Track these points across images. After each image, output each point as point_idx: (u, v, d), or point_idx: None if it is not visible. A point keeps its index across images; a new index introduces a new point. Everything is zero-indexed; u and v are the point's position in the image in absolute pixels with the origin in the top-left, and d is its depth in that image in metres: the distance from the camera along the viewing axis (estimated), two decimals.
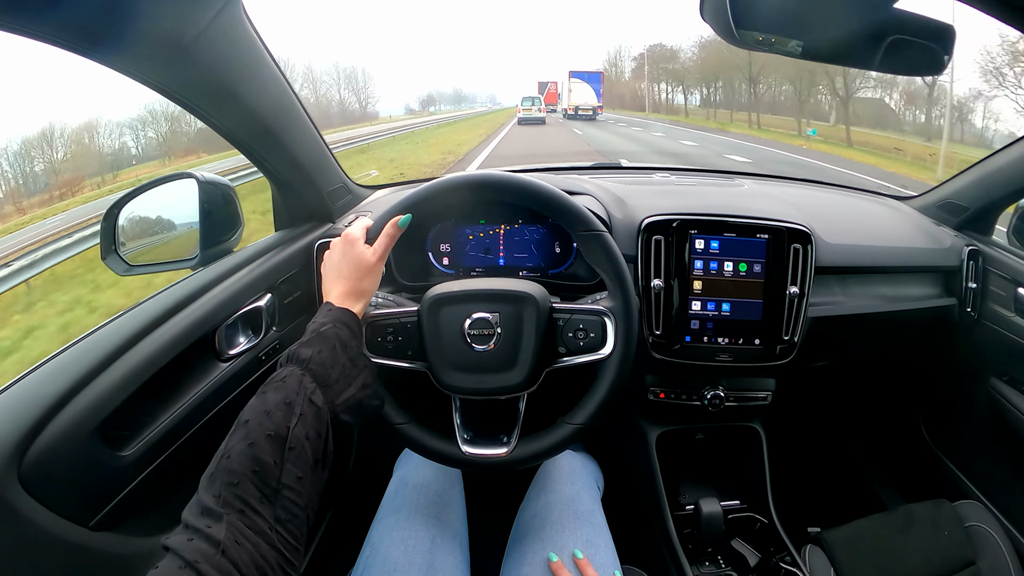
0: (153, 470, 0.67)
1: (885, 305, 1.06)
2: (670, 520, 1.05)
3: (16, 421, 0.53)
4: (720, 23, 0.46)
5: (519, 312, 0.71)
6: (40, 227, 7.90)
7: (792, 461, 1.27)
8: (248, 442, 0.47)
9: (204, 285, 0.79)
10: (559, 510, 0.82)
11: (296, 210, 1.05)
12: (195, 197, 0.89)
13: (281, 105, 0.85)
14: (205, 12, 0.62)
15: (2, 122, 54.77)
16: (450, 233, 1.03)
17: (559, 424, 0.73)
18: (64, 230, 5.68)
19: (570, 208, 0.72)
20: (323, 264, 0.72)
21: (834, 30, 0.46)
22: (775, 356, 0.97)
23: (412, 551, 0.74)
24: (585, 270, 1.00)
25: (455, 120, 27.60)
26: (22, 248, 5.33)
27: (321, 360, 0.57)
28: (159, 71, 0.65)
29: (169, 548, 0.40)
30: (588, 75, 28.64)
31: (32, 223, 9.50)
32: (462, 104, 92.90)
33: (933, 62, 0.47)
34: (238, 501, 0.44)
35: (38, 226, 8.27)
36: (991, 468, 1.18)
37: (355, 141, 13.87)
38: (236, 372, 0.81)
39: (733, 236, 0.95)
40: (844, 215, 1.18)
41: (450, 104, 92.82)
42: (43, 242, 5.17)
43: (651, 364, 0.99)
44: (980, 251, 1.10)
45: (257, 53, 0.75)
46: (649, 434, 1.12)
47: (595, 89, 28.25)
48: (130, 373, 0.63)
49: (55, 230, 6.21)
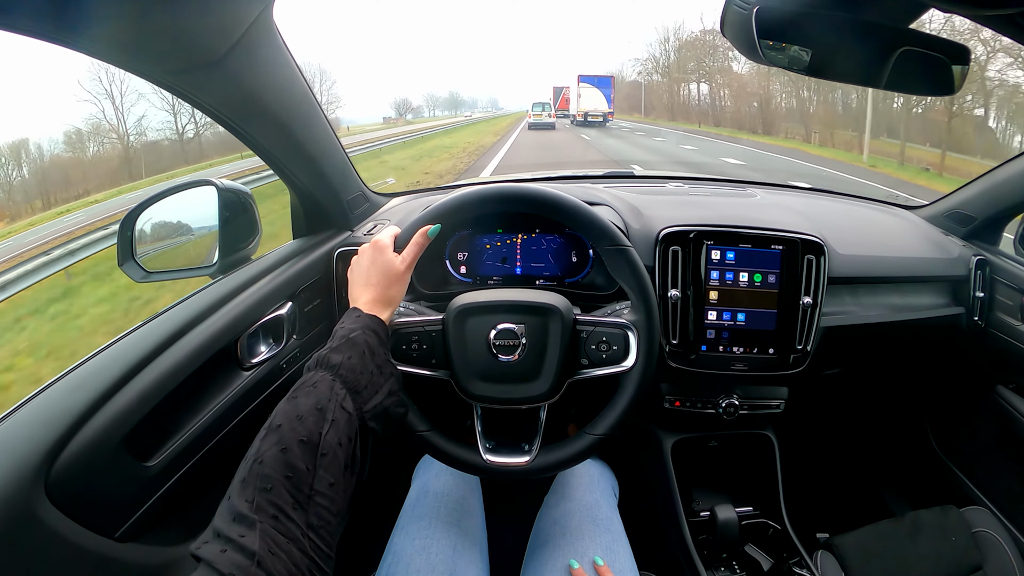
0: (178, 480, 0.67)
1: (894, 314, 1.08)
2: (686, 526, 1.06)
3: (43, 434, 0.53)
4: (743, 39, 0.46)
5: (544, 324, 0.71)
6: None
7: (803, 468, 1.28)
8: (281, 447, 0.47)
9: (226, 294, 0.80)
10: (579, 517, 0.83)
11: (315, 218, 1.06)
12: (212, 204, 0.89)
13: (307, 115, 0.85)
14: (238, 25, 0.62)
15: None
16: (468, 242, 1.03)
17: (580, 434, 0.74)
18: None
19: (595, 222, 0.73)
20: (350, 270, 0.72)
21: (848, 45, 0.47)
22: (788, 365, 0.98)
23: (435, 558, 0.75)
24: (602, 279, 1.01)
25: (435, 133, 21.66)
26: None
27: (351, 366, 0.57)
28: (193, 84, 0.66)
29: (202, 559, 0.40)
30: (598, 79, 26.23)
31: None
32: (459, 110, 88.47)
33: (945, 81, 0.48)
34: (271, 507, 0.43)
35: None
36: (998, 475, 1.19)
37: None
38: (258, 381, 0.81)
39: (749, 247, 0.96)
40: (855, 225, 1.19)
41: (447, 110, 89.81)
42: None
43: (667, 373, 1.00)
44: (987, 261, 1.12)
45: (286, 64, 0.75)
46: (664, 442, 1.13)
47: (605, 94, 26.11)
48: (155, 384, 0.63)
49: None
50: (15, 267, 4.49)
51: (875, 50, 0.46)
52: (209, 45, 0.61)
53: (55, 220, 9.57)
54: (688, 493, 1.15)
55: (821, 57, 0.46)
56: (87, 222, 7.37)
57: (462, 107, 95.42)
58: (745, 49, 0.47)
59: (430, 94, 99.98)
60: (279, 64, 0.74)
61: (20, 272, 4.43)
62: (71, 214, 10.07)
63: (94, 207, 10.80)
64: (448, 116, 68.30)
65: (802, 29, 0.45)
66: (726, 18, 0.48)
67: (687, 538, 1.04)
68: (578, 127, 24.54)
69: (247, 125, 0.77)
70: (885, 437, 1.53)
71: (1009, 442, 1.13)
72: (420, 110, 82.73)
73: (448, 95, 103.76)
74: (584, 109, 25.48)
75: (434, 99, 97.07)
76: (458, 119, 49.36)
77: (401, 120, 57.03)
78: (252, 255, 0.94)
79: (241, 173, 7.21)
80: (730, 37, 0.48)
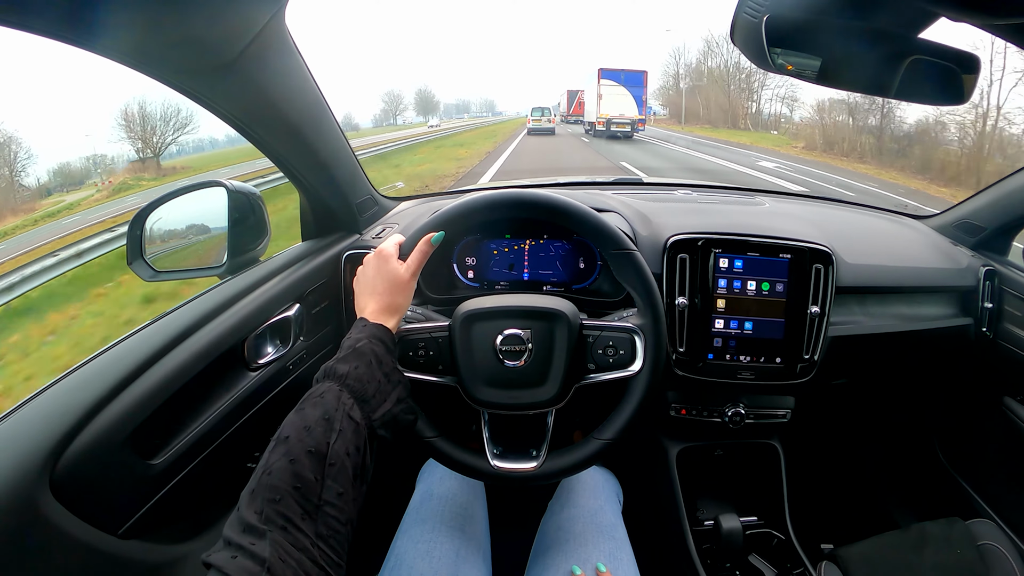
0: (182, 478, 0.67)
1: (902, 324, 1.07)
2: (689, 535, 1.05)
3: (49, 429, 0.53)
4: (753, 46, 0.46)
5: (551, 329, 0.71)
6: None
7: (808, 478, 1.27)
8: (289, 458, 0.47)
9: (234, 295, 0.80)
10: (582, 523, 0.83)
11: (324, 221, 1.06)
12: (222, 205, 0.90)
13: (318, 118, 0.86)
14: (250, 29, 0.63)
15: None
16: (476, 247, 1.03)
17: (588, 439, 0.74)
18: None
19: (602, 227, 0.73)
20: (356, 280, 0.72)
21: (858, 54, 0.47)
22: (795, 374, 0.98)
23: (437, 563, 0.75)
24: (609, 286, 1.01)
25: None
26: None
27: (358, 376, 0.57)
28: (205, 86, 0.66)
29: (212, 565, 0.40)
30: (626, 75, 19.04)
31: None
32: (429, 115, 66.64)
33: (955, 90, 0.48)
34: (280, 518, 0.44)
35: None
36: (1004, 487, 1.18)
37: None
38: (264, 381, 0.82)
39: (757, 256, 0.96)
40: (863, 235, 1.19)
41: (423, 115, 70.16)
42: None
43: (674, 381, 1.00)
44: (996, 271, 1.11)
45: (297, 66, 0.76)
46: (670, 450, 1.13)
47: (635, 96, 18.86)
48: (162, 382, 0.63)
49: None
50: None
51: (885, 59, 0.46)
52: (221, 48, 0.62)
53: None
54: (692, 502, 1.14)
55: (831, 65, 0.46)
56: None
57: (431, 113, 72.76)
58: (755, 56, 0.47)
59: (390, 92, 78.00)
60: (291, 67, 0.75)
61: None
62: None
63: None
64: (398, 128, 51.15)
65: (812, 37, 0.45)
66: (736, 25, 0.47)
67: (691, 547, 1.04)
68: (595, 139, 18.38)
69: (258, 127, 0.78)
70: (891, 448, 1.52)
71: (1016, 454, 1.12)
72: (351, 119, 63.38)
73: (417, 94, 78.66)
74: (607, 114, 18.46)
75: (395, 99, 73.90)
76: (416, 130, 35.35)
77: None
78: (260, 256, 0.94)
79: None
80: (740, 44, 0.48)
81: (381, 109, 73.79)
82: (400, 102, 74.13)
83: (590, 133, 19.83)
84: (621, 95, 18.86)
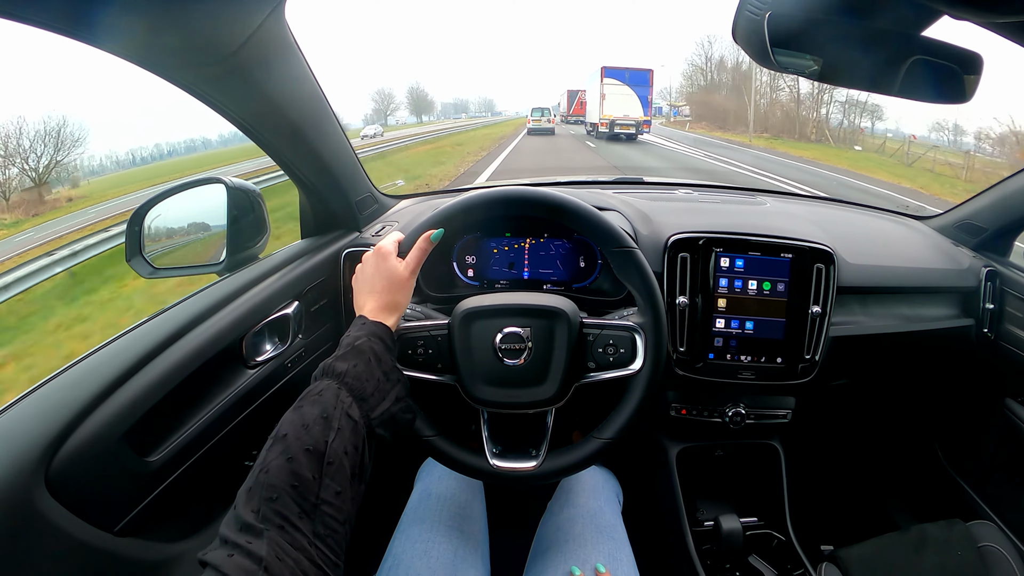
0: (179, 476, 0.67)
1: (904, 325, 1.07)
2: (689, 536, 1.05)
3: (44, 426, 0.53)
4: (755, 45, 0.46)
5: (550, 327, 0.71)
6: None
7: (809, 479, 1.27)
8: (287, 456, 0.47)
9: (232, 292, 0.80)
10: (582, 524, 0.82)
11: (324, 218, 1.06)
12: (221, 202, 0.89)
13: (318, 115, 0.86)
14: (250, 21, 0.63)
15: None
16: (476, 245, 1.03)
17: (588, 439, 0.73)
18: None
19: (602, 225, 0.72)
20: (355, 278, 0.72)
21: (860, 52, 0.47)
22: (796, 374, 0.98)
23: (435, 563, 0.74)
24: (609, 285, 1.00)
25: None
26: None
27: (356, 374, 0.57)
28: (204, 80, 0.66)
29: (208, 563, 0.40)
30: (631, 74, 18.28)
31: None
32: (423, 116, 65.88)
33: (956, 90, 0.47)
34: (277, 516, 0.43)
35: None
36: (1005, 488, 1.18)
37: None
38: (262, 379, 0.81)
39: (758, 255, 0.96)
40: (865, 235, 1.19)
41: (418, 115, 68.08)
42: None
43: (674, 381, 0.99)
44: (998, 272, 1.11)
45: (297, 62, 0.76)
46: (670, 450, 1.13)
47: (640, 96, 18.16)
48: (158, 379, 0.63)
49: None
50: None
51: (887, 58, 0.45)
52: (219, 41, 0.61)
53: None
54: (692, 502, 1.14)
55: (833, 64, 0.46)
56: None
57: (425, 114, 71.57)
58: (757, 55, 0.47)
59: (381, 90, 72.75)
60: (291, 64, 0.75)
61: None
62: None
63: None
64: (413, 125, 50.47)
65: (814, 36, 0.45)
66: (738, 24, 0.47)
67: (690, 547, 1.03)
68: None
69: (257, 123, 0.78)
70: (891, 449, 1.52)
71: (1017, 455, 1.12)
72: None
73: (409, 93, 75.23)
74: (611, 115, 17.76)
75: (386, 98, 70.10)
76: (402, 131, 33.49)
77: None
78: (260, 254, 0.94)
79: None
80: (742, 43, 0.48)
81: (372, 108, 70.93)
82: (391, 101, 71.63)
83: (595, 134, 19.17)
84: (625, 95, 18.16)
